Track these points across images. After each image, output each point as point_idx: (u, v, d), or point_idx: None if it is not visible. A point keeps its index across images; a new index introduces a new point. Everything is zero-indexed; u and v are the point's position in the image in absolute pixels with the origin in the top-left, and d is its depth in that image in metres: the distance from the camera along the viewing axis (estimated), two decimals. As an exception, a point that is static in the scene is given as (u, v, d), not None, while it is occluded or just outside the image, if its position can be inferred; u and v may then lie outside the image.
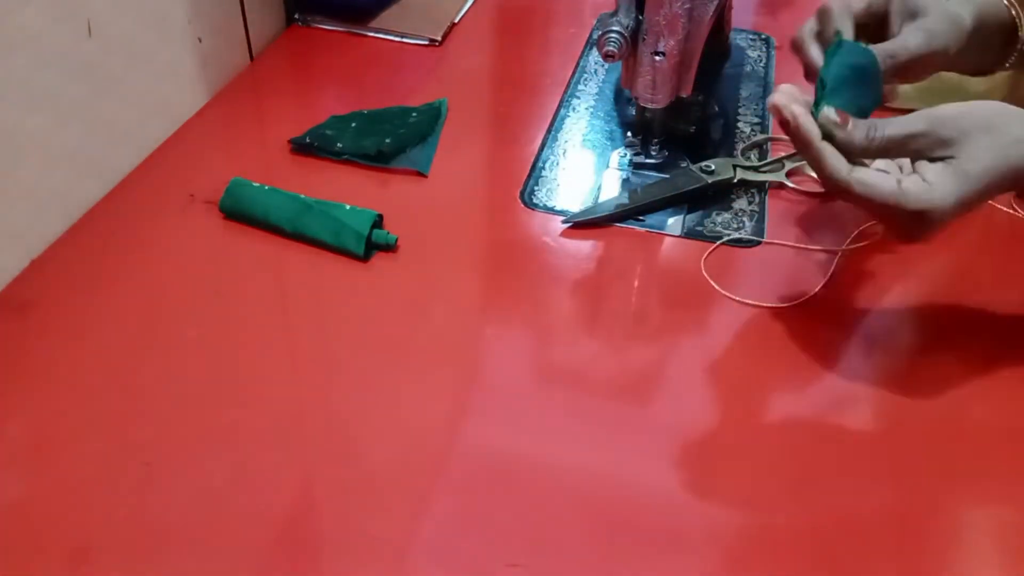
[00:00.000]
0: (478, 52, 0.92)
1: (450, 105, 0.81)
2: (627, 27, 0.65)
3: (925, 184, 0.51)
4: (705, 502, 0.50)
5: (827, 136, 0.52)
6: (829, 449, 0.53)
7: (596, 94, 0.85)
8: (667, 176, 0.72)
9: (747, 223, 0.69)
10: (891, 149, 0.52)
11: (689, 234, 0.68)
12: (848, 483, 0.51)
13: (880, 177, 0.51)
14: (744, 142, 0.78)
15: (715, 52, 0.88)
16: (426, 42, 0.92)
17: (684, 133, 0.77)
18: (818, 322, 0.61)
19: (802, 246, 0.67)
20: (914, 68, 0.59)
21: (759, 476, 0.51)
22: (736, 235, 0.67)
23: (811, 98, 0.54)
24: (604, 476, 0.51)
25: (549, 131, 0.79)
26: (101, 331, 0.58)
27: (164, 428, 0.52)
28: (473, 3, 0.99)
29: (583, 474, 0.51)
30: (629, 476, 0.51)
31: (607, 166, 0.74)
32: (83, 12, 0.64)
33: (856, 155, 0.52)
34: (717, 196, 0.71)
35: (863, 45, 0.57)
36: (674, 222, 0.69)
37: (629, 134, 0.75)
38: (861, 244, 0.66)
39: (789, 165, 0.73)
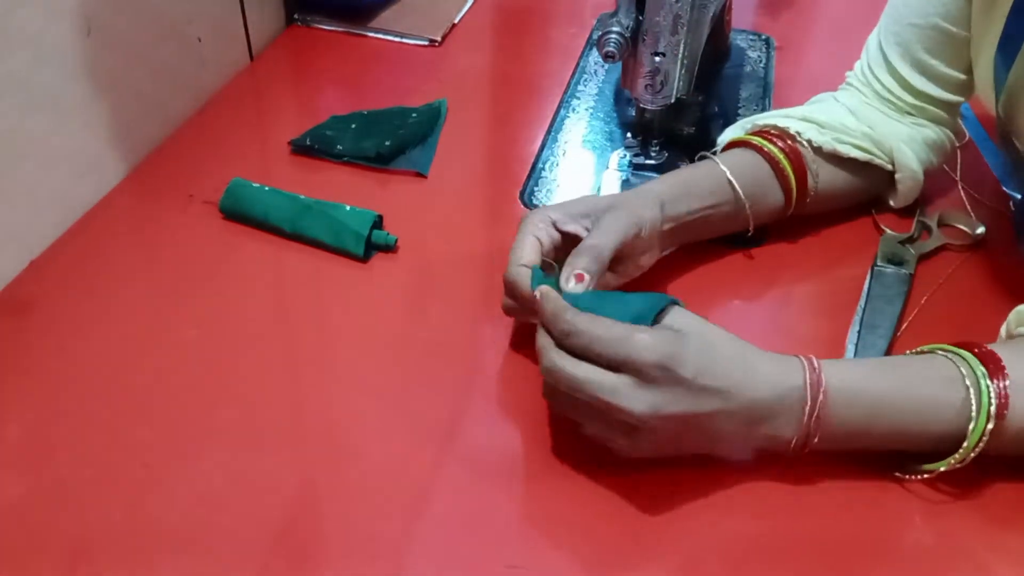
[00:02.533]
0: (478, 52, 0.92)
1: (450, 105, 0.81)
2: (627, 27, 0.65)
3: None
4: (705, 503, 0.50)
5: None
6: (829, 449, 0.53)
7: (596, 95, 0.85)
8: None
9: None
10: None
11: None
12: (848, 484, 0.51)
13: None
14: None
15: (715, 52, 0.88)
16: (426, 42, 0.92)
17: (684, 133, 0.77)
18: (818, 321, 0.61)
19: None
20: (627, 253, 0.56)
21: (759, 477, 0.51)
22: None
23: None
24: (604, 476, 0.50)
25: (549, 131, 0.79)
26: (101, 331, 0.58)
27: (163, 428, 0.52)
28: (473, 3, 0.99)
29: (582, 474, 0.51)
30: (629, 476, 0.51)
31: (607, 167, 0.74)
32: (83, 12, 0.64)
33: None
34: None
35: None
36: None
37: (629, 135, 0.75)
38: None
39: None
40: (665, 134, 0.74)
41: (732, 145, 0.67)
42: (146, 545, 0.46)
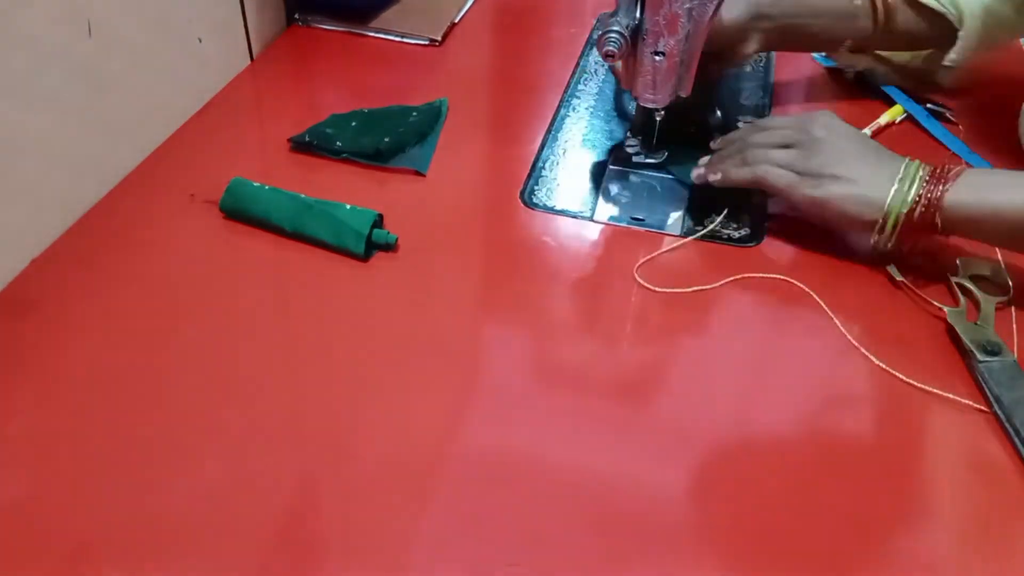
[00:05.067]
0: (478, 52, 0.92)
1: (450, 105, 0.81)
2: (627, 27, 0.65)
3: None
4: (705, 502, 0.50)
5: None
6: (829, 448, 0.53)
7: (596, 94, 0.85)
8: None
9: (746, 223, 0.69)
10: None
11: (689, 234, 0.68)
12: (848, 483, 0.51)
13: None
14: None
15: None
16: (426, 42, 0.92)
17: (684, 133, 0.77)
18: (816, 323, 0.61)
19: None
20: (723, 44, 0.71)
21: (759, 476, 0.51)
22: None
23: None
24: (603, 476, 0.51)
25: (549, 131, 0.79)
26: (101, 331, 0.58)
27: (164, 428, 0.52)
28: (473, 3, 0.99)
29: (582, 474, 0.51)
30: (628, 476, 0.51)
31: (607, 166, 0.74)
32: (83, 12, 0.64)
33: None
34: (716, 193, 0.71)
35: None
36: (674, 222, 0.69)
37: (629, 134, 0.75)
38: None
39: None
40: (665, 133, 0.74)
41: None
42: (146, 545, 0.46)
